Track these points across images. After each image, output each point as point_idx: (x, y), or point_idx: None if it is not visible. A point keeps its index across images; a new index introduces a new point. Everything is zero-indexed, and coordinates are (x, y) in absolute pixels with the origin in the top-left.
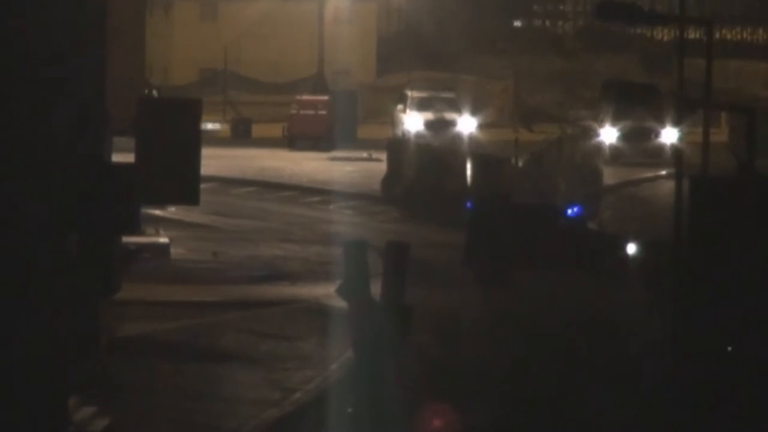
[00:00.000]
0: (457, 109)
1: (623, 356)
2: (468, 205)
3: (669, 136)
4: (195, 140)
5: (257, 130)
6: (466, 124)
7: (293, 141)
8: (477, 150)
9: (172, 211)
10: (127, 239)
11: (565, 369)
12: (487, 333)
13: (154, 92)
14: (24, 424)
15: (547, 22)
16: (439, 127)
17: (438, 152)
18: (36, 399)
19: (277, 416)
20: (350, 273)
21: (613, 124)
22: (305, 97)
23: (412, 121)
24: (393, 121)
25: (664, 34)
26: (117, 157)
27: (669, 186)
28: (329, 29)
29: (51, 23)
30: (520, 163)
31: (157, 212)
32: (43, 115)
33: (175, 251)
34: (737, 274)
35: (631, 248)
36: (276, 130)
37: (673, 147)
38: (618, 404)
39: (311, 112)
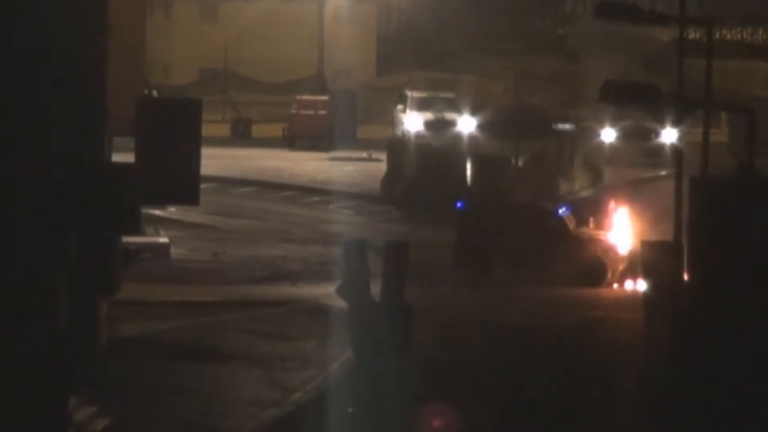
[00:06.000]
0: (457, 109)
1: (613, 356)
2: (458, 205)
3: (669, 136)
4: (195, 140)
5: (257, 130)
6: (466, 124)
7: (293, 141)
8: (477, 150)
9: (172, 211)
10: (127, 239)
11: (556, 369)
12: (478, 333)
13: (154, 92)
14: (24, 424)
15: (547, 22)
16: (439, 127)
17: (438, 152)
18: (36, 399)
19: (277, 416)
20: (350, 273)
21: (613, 124)
22: (305, 97)
23: (412, 121)
24: (393, 121)
25: (664, 34)
26: (117, 157)
27: (669, 186)
28: (329, 29)
29: (51, 23)
30: (520, 163)
31: (157, 212)
32: (43, 115)
33: (175, 251)
34: (737, 274)
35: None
36: (276, 130)
37: (673, 147)
38: (611, 403)
39: (311, 112)
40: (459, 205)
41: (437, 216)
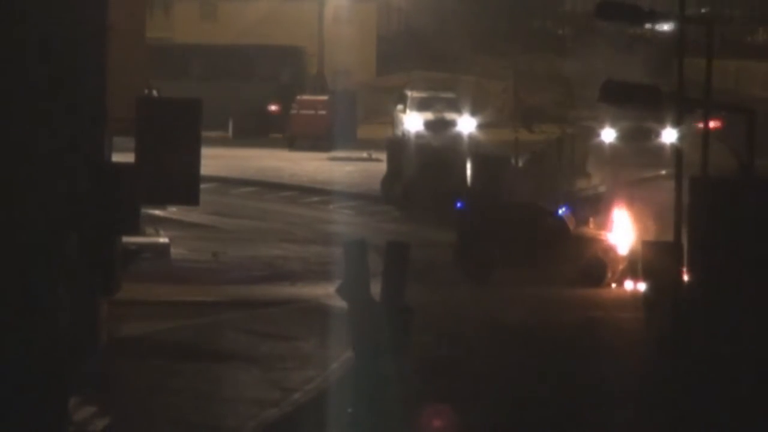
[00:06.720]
0: (457, 109)
1: (613, 356)
2: (458, 205)
3: (669, 136)
4: (195, 140)
5: None
6: (466, 124)
7: (293, 141)
8: (477, 150)
9: (172, 211)
10: (127, 239)
11: (556, 369)
12: (479, 333)
13: (154, 92)
14: (24, 424)
15: (547, 22)
16: (439, 127)
17: (438, 152)
18: (36, 399)
19: (276, 416)
20: (350, 273)
21: (613, 124)
22: (305, 97)
23: (412, 121)
24: (393, 121)
25: (664, 34)
26: (117, 157)
27: (669, 186)
28: (329, 29)
29: (51, 23)
30: (520, 163)
31: (157, 212)
32: (44, 116)
33: (175, 251)
34: (737, 274)
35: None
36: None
37: (673, 147)
38: (611, 403)
39: (311, 112)
40: (459, 205)
41: (437, 216)
